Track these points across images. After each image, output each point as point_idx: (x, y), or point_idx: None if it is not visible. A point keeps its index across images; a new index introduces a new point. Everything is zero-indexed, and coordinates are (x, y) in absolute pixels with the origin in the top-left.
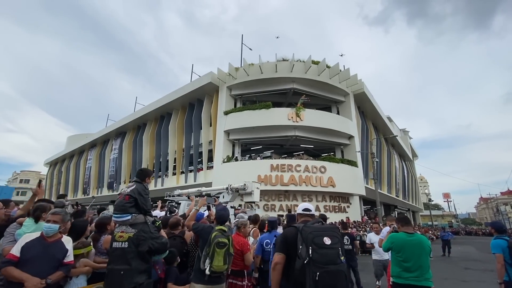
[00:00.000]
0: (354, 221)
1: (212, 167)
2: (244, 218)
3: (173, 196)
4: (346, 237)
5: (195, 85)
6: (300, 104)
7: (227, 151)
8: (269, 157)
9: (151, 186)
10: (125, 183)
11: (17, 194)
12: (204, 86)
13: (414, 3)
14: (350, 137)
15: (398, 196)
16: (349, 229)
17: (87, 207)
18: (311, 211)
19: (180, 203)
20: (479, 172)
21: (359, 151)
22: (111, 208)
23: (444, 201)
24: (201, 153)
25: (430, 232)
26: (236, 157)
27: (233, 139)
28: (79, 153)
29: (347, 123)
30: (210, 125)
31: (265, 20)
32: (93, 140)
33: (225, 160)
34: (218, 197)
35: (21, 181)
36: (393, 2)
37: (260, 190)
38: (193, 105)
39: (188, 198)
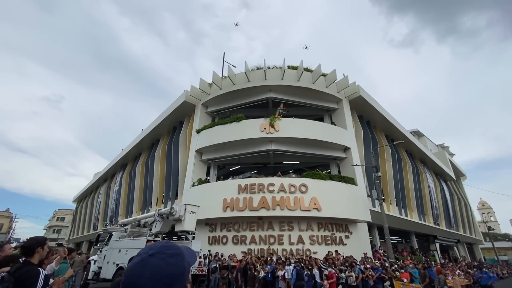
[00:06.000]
0: (345, 257)
1: None
2: None
3: (121, 225)
4: None
5: (173, 106)
6: (278, 114)
7: (200, 173)
8: (249, 178)
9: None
10: (121, 216)
11: (53, 232)
12: (181, 107)
13: (441, 22)
14: (346, 149)
15: (438, 224)
16: (326, 268)
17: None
18: None
19: (112, 234)
20: None
21: (355, 165)
22: None
23: None
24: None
25: (446, 272)
26: (208, 179)
27: (206, 159)
28: (96, 188)
29: (339, 132)
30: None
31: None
32: (104, 174)
33: (195, 184)
34: (151, 228)
35: (57, 219)
36: (418, 23)
37: (228, 217)
38: (176, 128)
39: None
